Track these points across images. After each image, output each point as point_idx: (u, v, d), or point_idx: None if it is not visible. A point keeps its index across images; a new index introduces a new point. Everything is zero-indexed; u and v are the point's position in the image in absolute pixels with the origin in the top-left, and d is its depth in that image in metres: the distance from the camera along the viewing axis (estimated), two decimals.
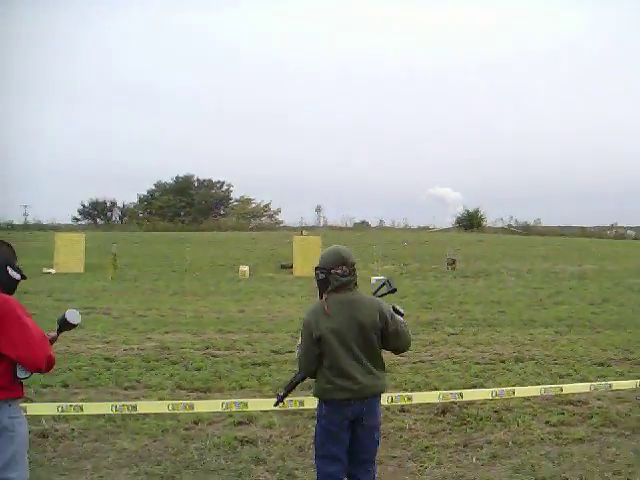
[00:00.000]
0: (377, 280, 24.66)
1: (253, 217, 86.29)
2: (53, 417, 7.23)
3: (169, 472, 6.09)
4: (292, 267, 28.05)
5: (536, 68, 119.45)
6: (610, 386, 7.53)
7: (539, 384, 8.91)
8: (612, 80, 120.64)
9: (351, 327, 4.59)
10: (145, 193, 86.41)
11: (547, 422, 7.53)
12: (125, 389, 9.06)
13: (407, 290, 21.53)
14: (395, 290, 5.05)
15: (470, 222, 54.79)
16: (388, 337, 4.66)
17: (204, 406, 6.48)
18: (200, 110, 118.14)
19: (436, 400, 6.73)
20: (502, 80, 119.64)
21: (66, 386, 9.13)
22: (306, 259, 27.28)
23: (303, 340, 4.71)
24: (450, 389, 8.56)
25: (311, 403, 6.36)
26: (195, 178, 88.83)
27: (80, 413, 5.67)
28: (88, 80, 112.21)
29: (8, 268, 4.34)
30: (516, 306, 17.61)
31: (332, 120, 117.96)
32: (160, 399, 8.20)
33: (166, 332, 13.50)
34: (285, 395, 4.94)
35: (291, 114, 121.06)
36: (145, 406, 6.13)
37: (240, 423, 7.40)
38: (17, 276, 4.37)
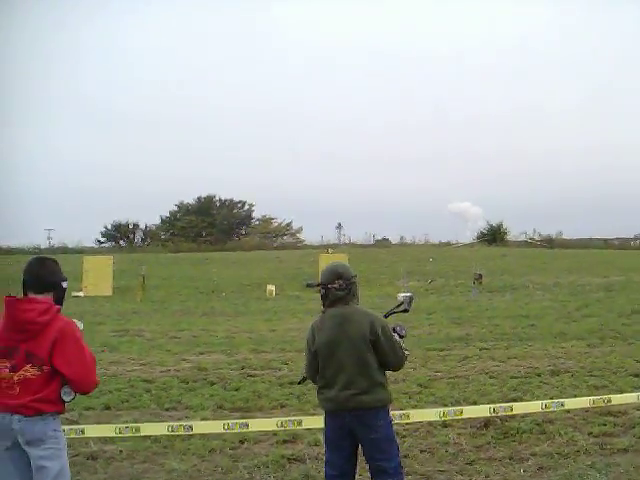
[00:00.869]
0: (403, 297, 24.65)
1: (275, 236, 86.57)
2: (99, 439, 7.38)
3: None
4: (318, 285, 28.10)
5: (552, 84, 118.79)
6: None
7: (576, 396, 8.97)
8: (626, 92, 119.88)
9: (341, 340, 4.77)
10: (167, 214, 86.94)
11: (590, 433, 7.58)
12: (167, 410, 9.18)
13: (435, 306, 21.58)
14: (407, 311, 5.26)
15: (493, 236, 54.64)
16: (378, 352, 4.78)
17: (258, 425, 6.58)
18: (218, 130, 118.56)
19: (487, 414, 6.78)
20: (520, 94, 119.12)
21: (108, 408, 9.28)
22: None
23: (305, 354, 5.06)
24: (489, 403, 8.65)
25: (310, 423, 6.51)
26: (217, 198, 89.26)
27: (136, 435, 5.78)
28: (106, 102, 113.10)
29: (63, 283, 4.58)
30: (545, 320, 17.59)
31: (349, 138, 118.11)
32: (203, 419, 8.33)
33: (200, 353, 13.64)
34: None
35: (309, 134, 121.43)
36: (201, 426, 6.23)
37: (286, 441, 7.50)
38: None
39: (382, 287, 27.98)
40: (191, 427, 5.57)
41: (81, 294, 27.04)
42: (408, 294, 5.78)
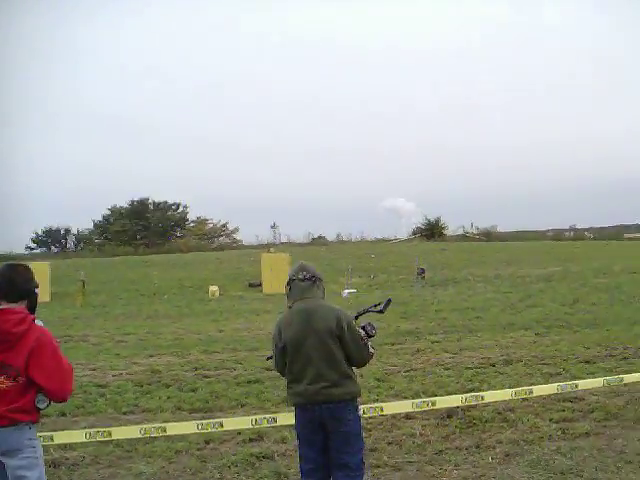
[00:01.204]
0: (349, 293, 24.84)
1: (211, 237, 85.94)
2: (59, 446, 7.18)
3: None
4: (261, 285, 28.03)
5: (483, 82, 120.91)
6: (622, 380, 7.68)
7: (533, 384, 9.14)
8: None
9: (308, 334, 4.78)
10: (100, 219, 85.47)
11: (551, 419, 7.73)
12: (124, 414, 9.00)
13: (377, 300, 21.67)
14: (382, 312, 5.35)
15: (431, 231, 55.26)
16: (344, 346, 4.79)
17: (232, 423, 6.50)
18: (151, 132, 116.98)
19: (459, 403, 6.85)
20: (450, 91, 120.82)
21: (63, 415, 9.02)
22: (275, 276, 27.27)
23: (273, 350, 5.03)
24: (449, 394, 8.75)
25: (285, 419, 6.50)
26: (150, 201, 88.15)
27: (107, 439, 5.64)
28: (31, 99, 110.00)
29: (36, 290, 4.48)
30: (491, 311, 17.88)
31: (281, 137, 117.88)
32: (165, 421, 8.20)
33: (150, 356, 13.41)
34: None
35: (242, 134, 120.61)
36: (175, 427, 6.11)
37: (252, 440, 7.44)
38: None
39: (325, 284, 27.90)
40: (164, 429, 5.47)
41: None
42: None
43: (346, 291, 24.00)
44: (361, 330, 4.93)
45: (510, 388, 8.82)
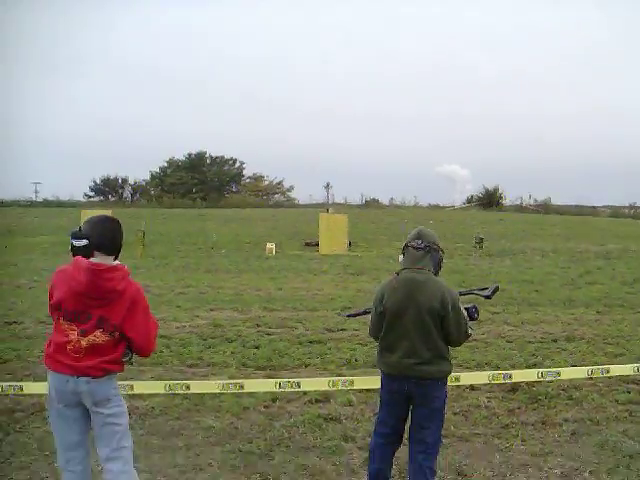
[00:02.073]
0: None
1: (266, 195, 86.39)
2: (130, 395, 7.39)
3: (262, 450, 6.22)
4: (317, 245, 28.14)
5: (544, 51, 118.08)
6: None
7: (597, 363, 9.07)
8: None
9: (409, 307, 4.74)
10: (157, 170, 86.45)
11: (616, 400, 7.67)
12: (190, 367, 9.19)
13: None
14: (489, 297, 5.31)
15: (489, 200, 54.43)
16: (443, 326, 4.75)
17: (309, 384, 6.63)
18: (207, 90, 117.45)
19: (536, 378, 6.85)
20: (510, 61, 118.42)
21: (130, 364, 9.25)
22: (332, 237, 27.43)
23: (373, 311, 5.01)
24: (512, 368, 8.76)
25: (361, 383, 6.57)
26: (207, 155, 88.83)
27: (187, 391, 5.81)
28: (91, 57, 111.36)
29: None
30: (550, 285, 17.67)
31: (339, 94, 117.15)
32: (231, 377, 8.38)
33: (211, 310, 13.63)
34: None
35: (300, 96, 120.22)
36: (253, 384, 6.26)
37: (318, 401, 7.54)
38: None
39: (381, 248, 28.02)
40: (242, 385, 5.59)
41: None
42: (494, 285, 5.83)
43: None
44: (464, 311, 4.90)
45: (573, 366, 8.84)
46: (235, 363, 9.32)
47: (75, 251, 4.40)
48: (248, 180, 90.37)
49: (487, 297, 5.42)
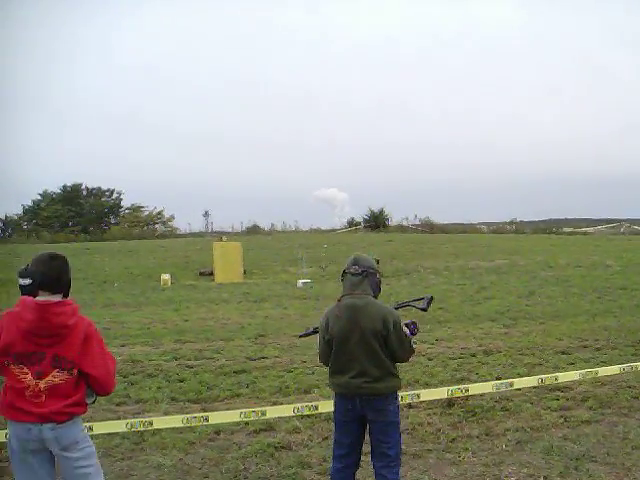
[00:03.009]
0: (303, 283, 24.84)
1: (146, 225, 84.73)
2: None
3: None
4: (212, 274, 27.83)
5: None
6: (597, 373, 7.98)
7: (519, 374, 9.45)
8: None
9: (354, 331, 4.90)
10: (30, 204, 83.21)
11: (549, 408, 8.01)
12: (118, 405, 8.86)
13: (334, 292, 21.80)
14: (425, 310, 5.55)
15: (376, 222, 55.36)
16: (387, 345, 4.93)
17: (275, 412, 6.54)
18: (84, 116, 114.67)
19: (491, 390, 7.05)
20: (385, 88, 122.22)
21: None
22: (227, 266, 27.25)
23: (319, 340, 5.15)
24: (440, 384, 8.98)
25: (325, 407, 6.61)
26: (83, 186, 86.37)
27: (150, 428, 5.62)
28: None
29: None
30: (451, 302, 18.11)
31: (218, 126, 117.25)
32: (166, 413, 8.18)
33: (122, 345, 13.18)
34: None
35: (178, 121, 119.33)
36: (217, 416, 6.14)
37: (263, 430, 7.46)
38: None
39: (277, 274, 27.98)
40: (207, 418, 5.49)
41: None
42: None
43: (301, 281, 23.99)
44: (405, 328, 5.05)
45: (498, 379, 9.13)
46: (165, 398, 9.07)
47: (22, 290, 4.26)
48: (127, 211, 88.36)
49: (423, 309, 5.65)
